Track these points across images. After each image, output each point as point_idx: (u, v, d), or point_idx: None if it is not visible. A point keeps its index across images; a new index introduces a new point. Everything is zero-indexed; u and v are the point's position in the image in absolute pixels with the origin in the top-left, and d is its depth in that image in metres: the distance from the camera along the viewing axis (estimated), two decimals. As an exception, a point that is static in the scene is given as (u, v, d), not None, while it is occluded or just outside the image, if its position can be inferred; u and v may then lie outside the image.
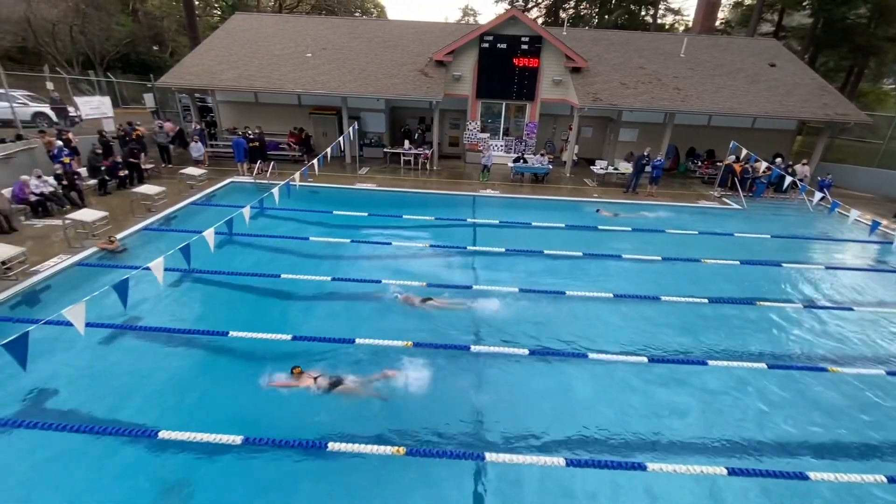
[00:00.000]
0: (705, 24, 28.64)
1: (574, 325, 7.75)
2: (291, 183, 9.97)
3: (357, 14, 43.46)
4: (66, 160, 11.65)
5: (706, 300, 8.53)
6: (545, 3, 40.41)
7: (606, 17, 36.84)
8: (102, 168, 12.71)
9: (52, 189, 11.08)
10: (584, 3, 39.85)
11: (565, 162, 18.61)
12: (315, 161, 11.45)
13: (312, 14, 35.23)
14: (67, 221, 9.67)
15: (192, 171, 13.97)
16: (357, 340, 6.53)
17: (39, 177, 10.90)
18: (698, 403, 6.17)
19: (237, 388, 5.98)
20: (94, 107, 16.03)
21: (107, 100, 16.69)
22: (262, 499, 4.59)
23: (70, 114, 17.35)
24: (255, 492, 4.64)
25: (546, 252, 10.40)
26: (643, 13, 37.27)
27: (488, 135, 19.21)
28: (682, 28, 38.45)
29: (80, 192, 11.65)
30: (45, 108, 17.62)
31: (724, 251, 10.83)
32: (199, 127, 17.15)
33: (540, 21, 37.28)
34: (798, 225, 13.77)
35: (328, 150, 12.37)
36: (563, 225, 12.13)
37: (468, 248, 10.61)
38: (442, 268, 9.66)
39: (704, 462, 5.05)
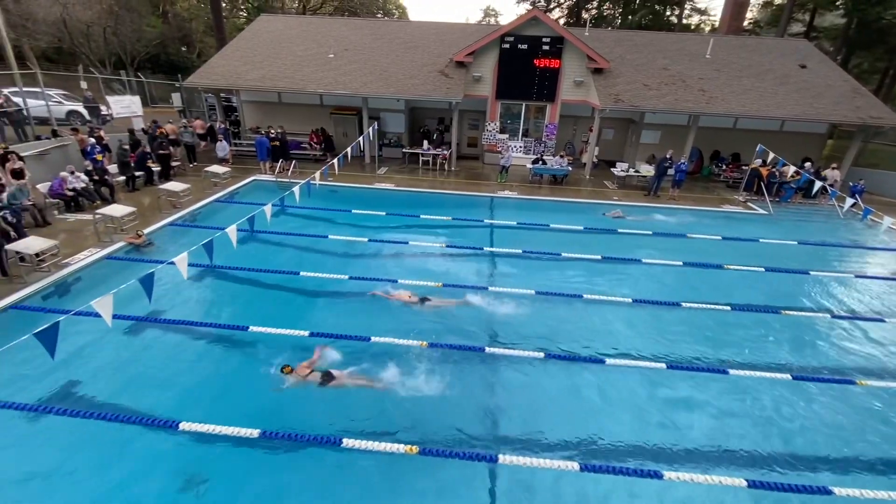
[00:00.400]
0: (733, 24, 27.92)
1: (591, 329, 7.66)
2: (312, 182, 10.13)
3: (379, 15, 43.88)
4: (99, 157, 12.09)
5: (728, 307, 8.34)
6: (567, 3, 40.07)
7: (630, 17, 36.34)
8: (131, 164, 13.13)
9: (83, 185, 11.49)
10: (607, 4, 39.38)
11: (585, 164, 18.42)
12: (335, 160, 11.61)
13: (335, 15, 35.69)
14: (97, 216, 10.02)
15: (216, 168, 14.32)
16: (372, 338, 6.62)
17: (72, 172, 11.32)
18: (717, 413, 6.04)
19: (255, 381, 6.09)
20: (124, 105, 16.55)
21: (137, 99, 17.21)
22: (277, 490, 4.66)
23: (102, 112, 17.99)
24: (270, 483, 4.72)
25: (564, 254, 10.32)
26: (668, 13, 36.63)
27: (507, 136, 19.15)
28: (708, 28, 37.64)
29: (111, 188, 12.06)
30: (79, 107, 18.35)
31: (748, 257, 10.54)
32: (223, 126, 17.57)
33: (562, 21, 36.98)
34: (827, 232, 13.30)
35: (348, 149, 12.51)
36: (582, 227, 12.00)
37: (485, 248, 10.60)
38: (458, 268, 9.66)
39: (723, 473, 4.93)
